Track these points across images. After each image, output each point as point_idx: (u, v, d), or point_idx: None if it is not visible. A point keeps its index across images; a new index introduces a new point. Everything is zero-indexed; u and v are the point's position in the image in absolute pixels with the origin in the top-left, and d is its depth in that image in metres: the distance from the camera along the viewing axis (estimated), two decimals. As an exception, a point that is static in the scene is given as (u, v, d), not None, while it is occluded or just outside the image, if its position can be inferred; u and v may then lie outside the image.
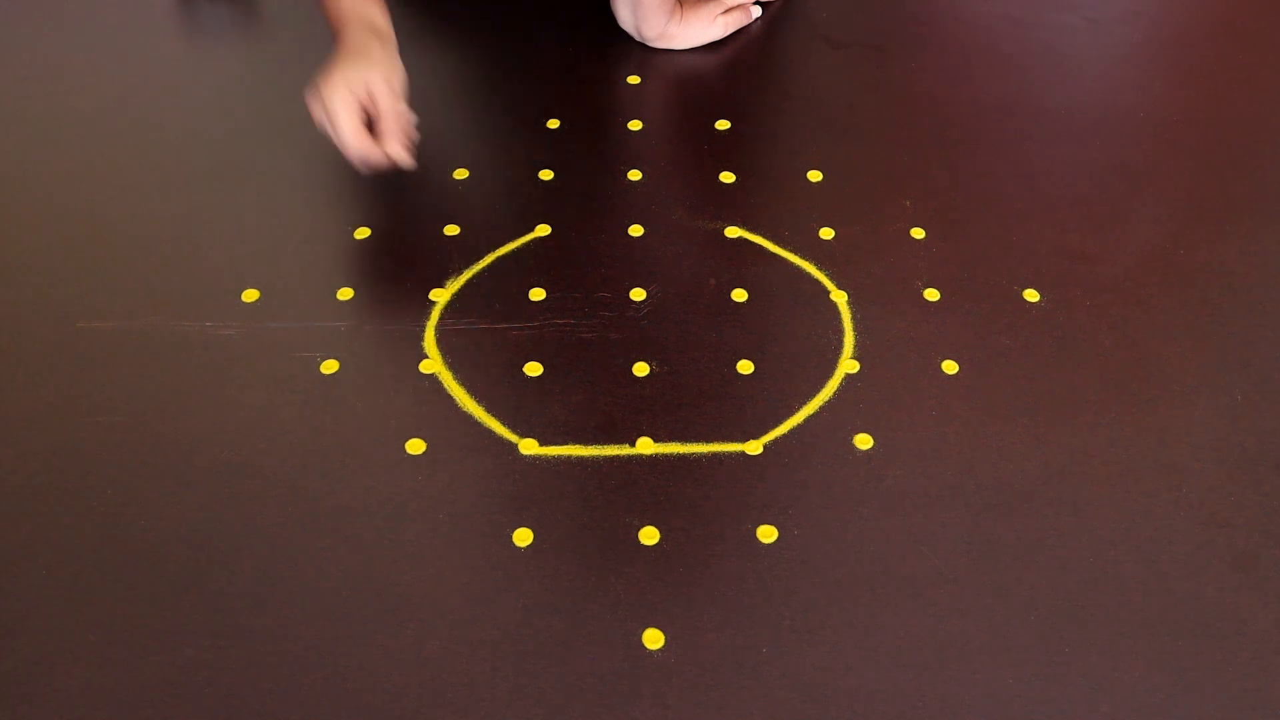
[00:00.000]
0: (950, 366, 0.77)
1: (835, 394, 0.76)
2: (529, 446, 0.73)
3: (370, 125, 0.83)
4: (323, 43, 1.03)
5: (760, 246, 0.85)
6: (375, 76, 0.82)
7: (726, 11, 1.01)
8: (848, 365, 0.78)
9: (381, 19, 0.86)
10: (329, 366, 0.77)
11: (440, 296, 0.82)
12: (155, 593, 0.66)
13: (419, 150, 0.92)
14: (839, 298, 0.82)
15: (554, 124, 0.95)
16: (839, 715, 0.61)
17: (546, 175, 0.91)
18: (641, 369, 0.77)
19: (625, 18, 0.99)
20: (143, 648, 0.64)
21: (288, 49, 1.03)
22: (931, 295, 0.82)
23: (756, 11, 1.03)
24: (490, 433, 0.74)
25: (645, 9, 0.97)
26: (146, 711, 0.62)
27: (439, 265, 0.84)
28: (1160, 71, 1.03)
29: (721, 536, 0.69)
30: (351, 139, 0.81)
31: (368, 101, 0.82)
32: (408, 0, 1.04)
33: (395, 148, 0.83)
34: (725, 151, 0.93)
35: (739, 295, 0.82)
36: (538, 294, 0.82)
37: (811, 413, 0.75)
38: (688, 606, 0.66)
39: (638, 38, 1.00)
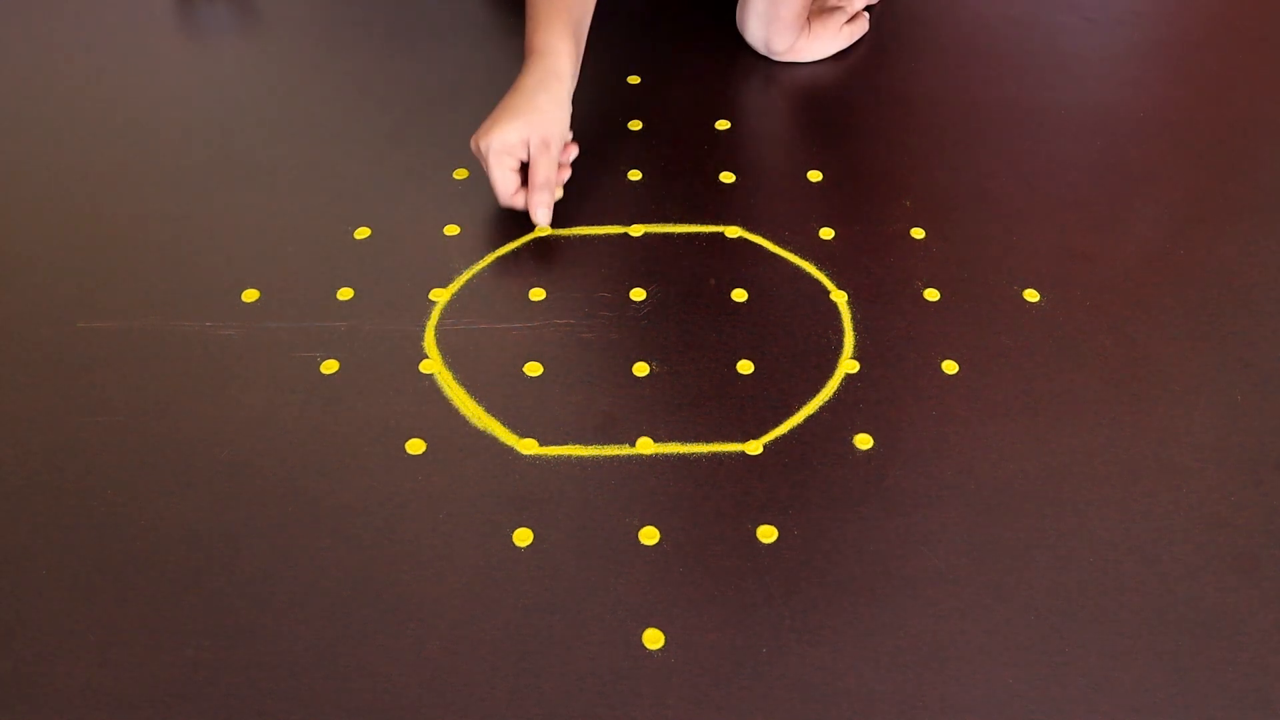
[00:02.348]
0: (950, 366, 0.77)
1: (835, 394, 0.76)
2: (529, 446, 0.73)
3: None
4: (322, 42, 1.04)
5: (760, 246, 0.85)
6: (536, 137, 0.83)
7: (849, 21, 1.02)
8: (848, 365, 0.78)
9: (566, 58, 0.85)
10: (329, 366, 0.77)
11: (440, 296, 0.82)
12: (155, 593, 0.66)
13: (420, 151, 0.93)
14: (839, 298, 0.82)
15: (554, 124, 0.95)
16: (839, 715, 0.61)
17: (546, 175, 0.91)
18: (641, 369, 0.77)
19: (755, 31, 0.99)
20: (143, 648, 0.64)
21: (288, 49, 1.03)
22: (931, 295, 0.82)
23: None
24: (490, 433, 0.74)
25: (780, 24, 0.97)
26: (146, 711, 0.62)
27: (439, 265, 0.84)
28: (1160, 71, 1.03)
29: (721, 536, 0.69)
30: (504, 199, 0.86)
31: (525, 158, 0.85)
32: None
33: (538, 213, 0.85)
34: (725, 151, 0.93)
35: (739, 295, 0.82)
36: (538, 294, 0.82)
37: (811, 413, 0.75)
38: (688, 606, 0.66)
39: (764, 51, 1.00)
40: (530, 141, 0.83)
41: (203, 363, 0.78)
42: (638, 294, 0.82)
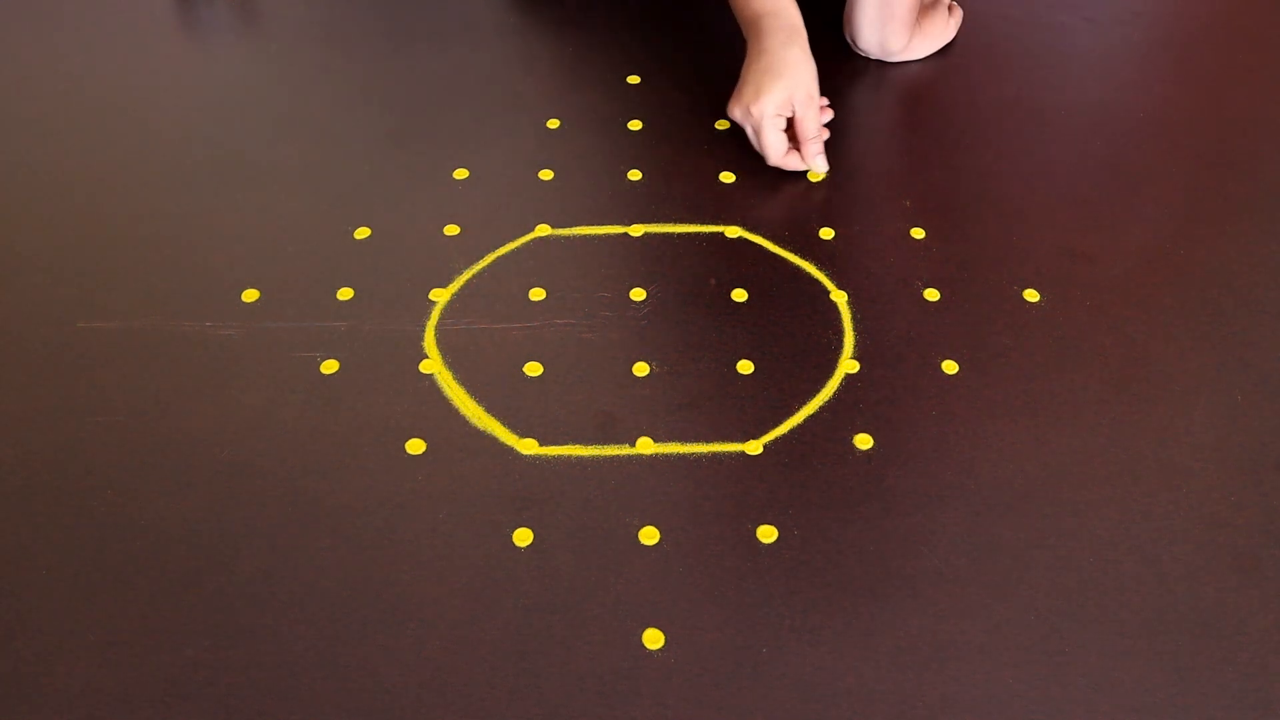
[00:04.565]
0: (950, 366, 0.77)
1: (835, 394, 0.76)
2: (529, 446, 0.73)
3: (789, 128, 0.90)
4: (322, 42, 1.04)
5: (760, 246, 0.85)
6: (800, 93, 0.87)
7: (950, 12, 1.02)
8: (848, 365, 0.78)
9: (795, 11, 0.89)
10: (329, 366, 0.77)
11: (440, 296, 0.82)
12: (155, 593, 0.66)
13: (420, 151, 0.93)
14: (839, 298, 0.82)
15: (554, 124, 0.95)
16: (839, 715, 0.61)
17: (546, 175, 0.91)
18: (641, 369, 0.77)
19: (868, 35, 0.99)
20: (143, 648, 0.64)
21: (288, 49, 1.03)
22: (931, 295, 0.82)
23: None
24: (490, 433, 0.74)
25: (895, 23, 0.97)
26: (146, 711, 0.62)
27: (439, 265, 0.84)
28: (1160, 71, 1.03)
29: (721, 536, 0.69)
30: (777, 159, 0.89)
31: (791, 115, 0.88)
32: None
33: (816, 162, 0.89)
34: (725, 151, 0.93)
35: (739, 295, 0.82)
36: (538, 294, 0.82)
37: (811, 413, 0.75)
38: (688, 606, 0.66)
39: (878, 54, 1.00)
40: (795, 98, 0.87)
41: (203, 363, 0.78)
42: (638, 294, 0.82)
